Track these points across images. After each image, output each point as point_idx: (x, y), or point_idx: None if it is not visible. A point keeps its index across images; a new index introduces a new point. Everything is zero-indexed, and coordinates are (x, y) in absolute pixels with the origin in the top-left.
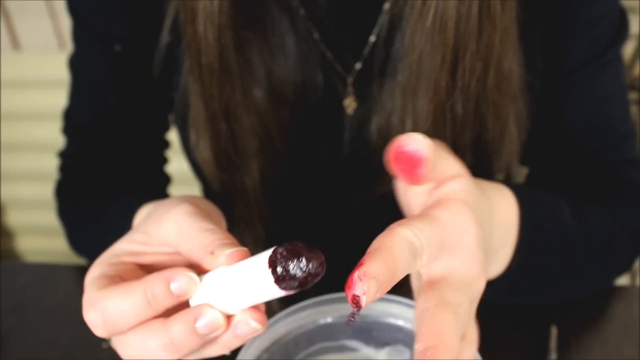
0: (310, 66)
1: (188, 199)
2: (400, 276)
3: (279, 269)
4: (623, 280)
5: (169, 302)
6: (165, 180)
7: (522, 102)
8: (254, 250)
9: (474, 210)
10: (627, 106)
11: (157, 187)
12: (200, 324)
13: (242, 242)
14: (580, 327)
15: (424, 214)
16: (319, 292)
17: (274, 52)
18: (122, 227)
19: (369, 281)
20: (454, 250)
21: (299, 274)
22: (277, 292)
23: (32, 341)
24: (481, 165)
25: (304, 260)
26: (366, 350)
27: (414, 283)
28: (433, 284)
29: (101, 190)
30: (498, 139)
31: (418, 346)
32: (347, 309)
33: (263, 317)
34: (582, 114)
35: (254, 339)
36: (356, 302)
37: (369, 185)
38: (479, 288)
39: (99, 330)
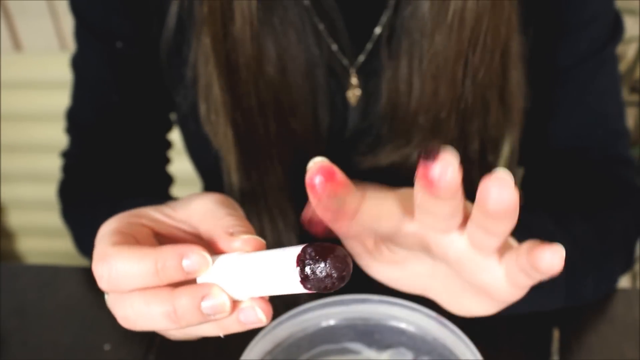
0: (315, 57)
1: (216, 193)
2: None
3: (307, 269)
4: (624, 283)
5: (178, 277)
6: (168, 180)
7: (522, 80)
8: (287, 236)
9: None
10: (622, 104)
11: (160, 187)
12: (206, 304)
13: (275, 229)
14: (581, 330)
15: None
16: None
17: (280, 40)
18: None
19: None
20: None
21: (325, 276)
22: (299, 290)
23: (34, 343)
24: (487, 149)
25: (332, 263)
26: (368, 352)
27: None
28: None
29: (105, 190)
30: (502, 123)
31: None
32: (349, 312)
33: (270, 309)
34: (579, 111)
35: (256, 341)
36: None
37: (374, 157)
38: None
39: (102, 284)
